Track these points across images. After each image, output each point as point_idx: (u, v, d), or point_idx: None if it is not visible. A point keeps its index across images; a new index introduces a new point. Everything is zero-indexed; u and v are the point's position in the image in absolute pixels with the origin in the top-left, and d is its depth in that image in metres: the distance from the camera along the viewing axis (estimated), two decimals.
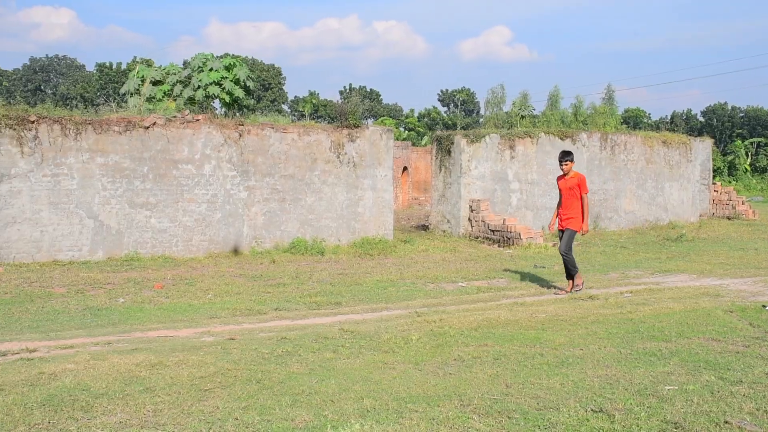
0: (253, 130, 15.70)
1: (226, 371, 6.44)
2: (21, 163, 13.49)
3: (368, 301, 10.80)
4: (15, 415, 5.20)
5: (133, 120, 14.59)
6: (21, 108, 14.32)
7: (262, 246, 15.67)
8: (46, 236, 13.72)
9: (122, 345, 7.70)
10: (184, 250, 14.95)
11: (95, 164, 14.15)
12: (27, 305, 9.90)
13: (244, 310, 9.93)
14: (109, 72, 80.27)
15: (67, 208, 13.92)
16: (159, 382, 6.06)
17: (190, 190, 15.04)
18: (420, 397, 5.75)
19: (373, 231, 17.08)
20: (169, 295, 10.90)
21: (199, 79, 24.06)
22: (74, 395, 5.67)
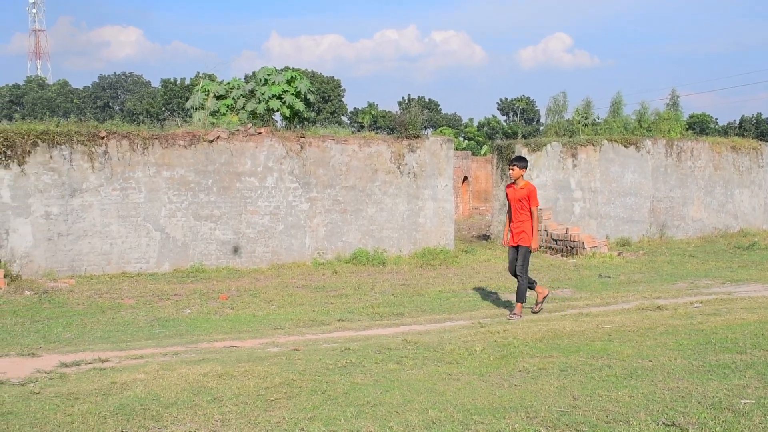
0: (314, 142, 15.86)
1: (292, 382, 6.49)
2: (92, 178, 13.88)
3: (431, 311, 10.77)
4: (90, 424, 5.33)
5: (197, 134, 14.89)
6: (91, 124, 14.77)
7: (324, 257, 15.78)
8: (116, 249, 14.08)
9: (189, 355, 7.83)
10: (247, 262, 15.16)
11: (161, 178, 14.47)
12: (98, 316, 10.17)
13: (307, 320, 10.00)
14: (173, 87, 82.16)
15: (135, 221, 14.26)
16: (226, 393, 6.14)
17: (253, 202, 15.25)
18: (485, 408, 5.69)
19: (434, 241, 17.04)
20: (233, 306, 11.06)
21: (262, 92, 24.41)
22: (145, 404, 5.79)
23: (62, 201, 13.65)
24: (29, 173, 13.40)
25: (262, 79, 25.62)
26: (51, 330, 9.26)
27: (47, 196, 13.55)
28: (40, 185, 13.49)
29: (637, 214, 20.40)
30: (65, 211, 13.67)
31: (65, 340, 8.74)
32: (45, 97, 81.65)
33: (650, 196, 20.62)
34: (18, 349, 8.06)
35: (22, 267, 13.24)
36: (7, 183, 13.24)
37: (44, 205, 13.52)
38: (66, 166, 13.68)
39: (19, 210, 13.34)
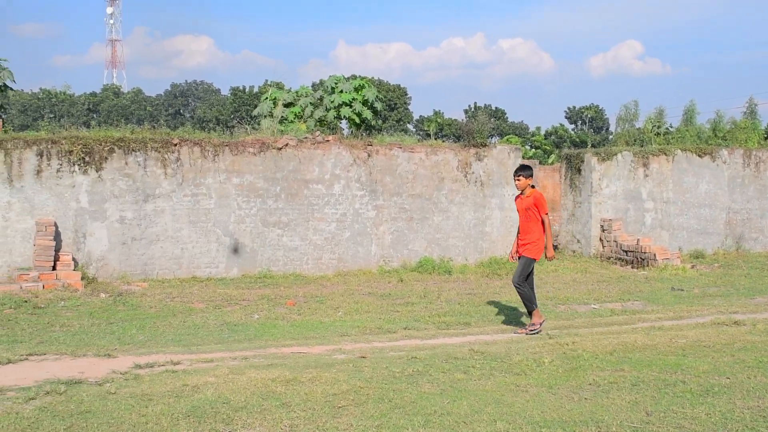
0: (381, 150, 15.92)
1: (359, 389, 6.50)
2: (164, 184, 14.22)
3: (498, 322, 10.66)
4: (163, 425, 5.44)
5: (266, 141, 15.11)
6: (164, 131, 15.14)
7: (390, 265, 15.80)
8: (186, 253, 14.38)
9: (258, 360, 7.92)
10: (314, 268, 15.29)
11: (231, 184, 14.73)
12: (170, 319, 10.39)
13: (373, 328, 10.02)
14: (242, 95, 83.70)
15: (205, 227, 14.54)
16: (294, 398, 6.19)
17: (320, 210, 15.39)
18: (555, 421, 5.60)
19: (501, 251, 16.89)
20: (301, 312, 11.16)
21: (331, 100, 24.62)
22: (216, 408, 5.88)
23: (136, 206, 14.01)
24: (105, 179, 13.81)
25: (330, 87, 25.85)
26: (125, 332, 9.50)
27: (122, 201, 13.93)
28: (116, 190, 13.88)
29: (711, 225, 19.83)
30: (139, 216, 14.03)
31: (139, 342, 8.96)
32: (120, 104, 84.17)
33: (726, 208, 20.02)
34: (95, 350, 8.29)
35: (97, 270, 13.64)
36: (85, 188, 13.67)
37: (119, 210, 13.90)
38: (140, 172, 14.05)
39: (95, 214, 13.75)
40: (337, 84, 25.70)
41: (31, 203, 13.37)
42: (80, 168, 13.64)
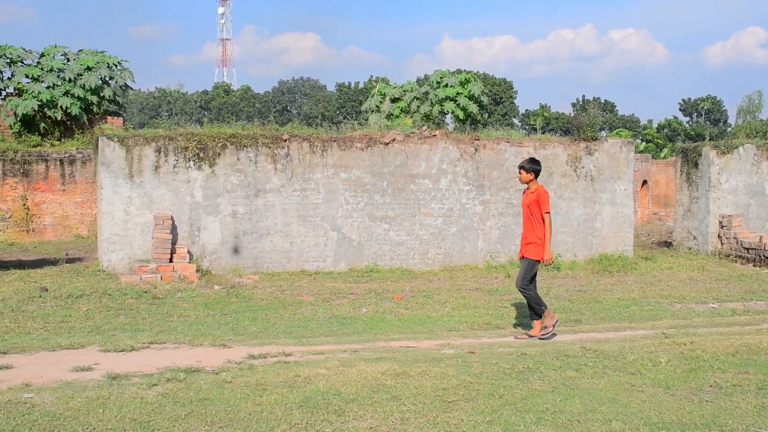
0: (488, 144, 15.76)
1: (468, 384, 6.46)
2: (274, 179, 14.54)
3: (609, 319, 10.38)
4: (277, 414, 5.56)
5: (374, 136, 15.22)
6: (273, 127, 15.48)
7: (497, 260, 15.63)
8: (295, 247, 14.66)
9: (367, 353, 7.99)
10: (420, 263, 15.30)
11: (339, 179, 14.91)
12: (281, 312, 10.62)
13: (482, 324, 9.94)
14: (347, 91, 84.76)
15: (313, 221, 14.79)
16: (404, 392, 6.21)
17: (426, 204, 15.38)
18: (674, 423, 5.40)
19: (612, 247, 16.43)
20: (408, 306, 11.19)
21: (436, 95, 24.63)
22: (327, 399, 5.96)
23: (247, 201, 14.39)
24: (218, 174, 14.24)
25: (436, 82, 25.85)
26: (239, 323, 9.78)
27: (234, 196, 14.33)
28: (228, 185, 14.29)
29: None
30: (250, 211, 14.40)
31: (252, 333, 9.20)
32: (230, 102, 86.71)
33: None
34: (211, 340, 8.57)
35: (211, 263, 14.09)
36: (200, 183, 14.14)
37: (231, 204, 14.32)
38: (251, 167, 14.42)
39: (209, 209, 14.21)
40: (442, 78, 25.68)
41: (150, 198, 13.94)
42: (195, 164, 14.12)
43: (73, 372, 6.98)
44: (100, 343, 8.30)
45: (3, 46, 25.08)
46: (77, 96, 24.67)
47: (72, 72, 24.94)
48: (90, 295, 11.25)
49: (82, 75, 25.07)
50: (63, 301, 10.82)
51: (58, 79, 24.79)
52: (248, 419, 5.47)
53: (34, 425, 5.22)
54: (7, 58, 24.89)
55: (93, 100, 25.08)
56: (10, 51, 24.93)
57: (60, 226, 22.77)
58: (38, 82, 24.63)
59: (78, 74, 25.03)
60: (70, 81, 24.81)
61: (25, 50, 25.45)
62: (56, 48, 26.09)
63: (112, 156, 13.74)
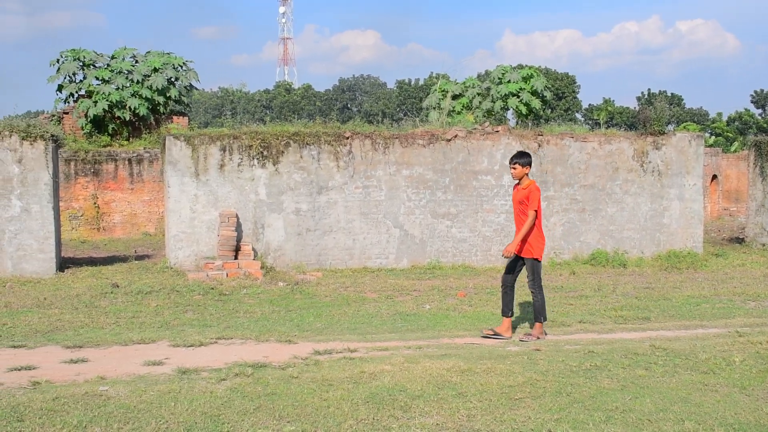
0: (551, 140, 15.56)
1: (535, 382, 6.39)
2: (337, 177, 14.64)
3: (679, 317, 10.14)
4: (344, 410, 5.60)
5: (435, 133, 15.18)
6: (335, 125, 15.57)
7: (561, 257, 15.43)
8: (357, 244, 14.73)
9: (432, 350, 7.98)
10: (482, 260, 15.21)
11: (401, 176, 14.92)
12: (344, 308, 10.69)
13: (548, 321, 9.81)
14: (407, 88, 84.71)
15: (375, 218, 14.83)
16: (470, 388, 6.17)
17: (489, 201, 15.28)
18: (752, 425, 5.25)
19: (680, 243, 16.05)
20: (471, 303, 11.13)
21: (498, 90, 24.44)
22: (393, 395, 5.97)
23: (310, 198, 14.52)
24: (282, 172, 14.40)
25: (497, 78, 25.65)
26: (303, 319, 9.88)
27: (297, 194, 14.48)
28: (291, 183, 14.44)
29: None
30: (313, 208, 14.53)
31: (316, 329, 9.28)
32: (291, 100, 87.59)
33: None
34: (276, 336, 8.67)
35: (275, 260, 14.27)
36: (264, 181, 14.33)
37: (294, 202, 14.46)
38: (314, 165, 14.54)
39: (273, 206, 14.38)
40: (504, 74, 25.47)
41: (215, 196, 14.18)
42: (259, 162, 14.31)
43: (145, 366, 7.15)
44: (170, 338, 8.49)
45: (76, 49, 25.87)
46: (144, 97, 25.28)
47: (140, 73, 25.56)
48: (159, 291, 11.52)
49: (149, 76, 25.67)
50: (133, 297, 11.10)
51: (127, 80, 25.43)
52: (315, 414, 5.51)
53: (110, 417, 5.36)
54: (80, 61, 25.65)
55: (159, 101, 25.66)
56: (82, 54, 25.69)
57: (128, 224, 23.36)
58: (108, 84, 25.32)
59: (145, 75, 25.65)
60: (138, 82, 25.43)
61: (96, 53, 26.19)
62: (125, 50, 26.77)
63: (179, 155, 14.02)
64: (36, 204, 13.30)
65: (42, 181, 13.35)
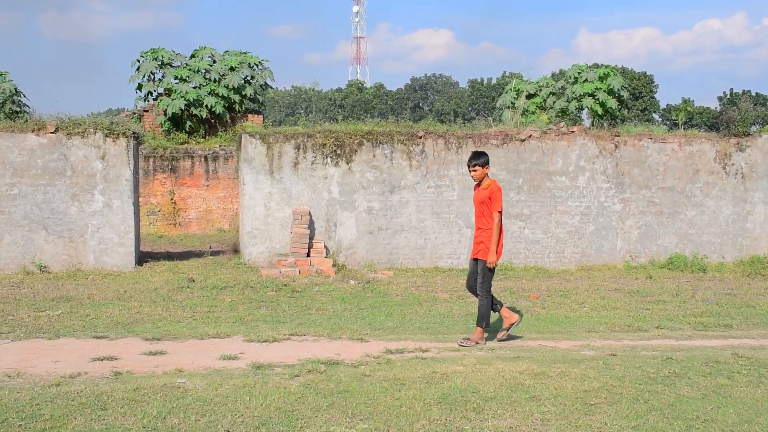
0: (629, 140, 15.22)
1: (611, 387, 6.26)
2: (409, 176, 14.63)
3: (764, 325, 9.79)
4: (416, 409, 5.59)
5: (509, 133, 15.02)
6: (407, 124, 15.56)
7: (636, 260, 15.07)
8: (429, 244, 14.69)
9: (504, 352, 7.90)
10: (555, 262, 14.98)
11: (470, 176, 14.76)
12: (416, 308, 10.67)
13: (622, 325, 9.61)
14: (480, 87, 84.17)
15: (447, 218, 14.77)
16: (544, 392, 6.09)
17: (563, 202, 15.04)
18: None
19: (765, 249, 15.48)
20: (545, 306, 10.98)
21: (573, 90, 24.05)
22: (465, 396, 5.93)
23: (382, 197, 14.55)
24: (355, 170, 14.47)
25: (572, 77, 25.24)
26: (375, 318, 9.90)
27: (369, 192, 14.52)
28: (364, 182, 14.50)
29: None
30: (385, 207, 14.55)
31: (388, 328, 9.29)
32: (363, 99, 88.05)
33: None
34: (348, 333, 8.72)
35: (347, 258, 14.35)
36: (337, 180, 14.43)
37: (367, 200, 14.51)
38: (387, 164, 14.56)
39: (345, 204, 14.47)
40: (580, 74, 25.05)
41: (289, 193, 14.34)
42: (332, 160, 14.41)
43: (221, 360, 7.28)
44: (244, 333, 8.63)
45: (155, 49, 26.59)
46: (221, 95, 25.79)
47: (217, 72, 26.10)
48: (233, 286, 11.72)
49: (225, 75, 26.18)
50: (209, 292, 11.32)
51: (204, 79, 25.99)
52: (388, 413, 5.52)
53: (187, 409, 5.48)
54: (159, 60, 26.34)
55: (235, 99, 26.14)
56: (161, 54, 26.39)
57: (204, 220, 23.86)
58: (186, 83, 25.92)
59: (222, 74, 26.17)
60: (215, 81, 25.97)
61: (175, 53, 26.86)
62: (204, 50, 27.38)
63: (254, 153, 14.24)
64: (117, 199, 13.70)
65: (123, 177, 13.75)
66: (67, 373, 6.55)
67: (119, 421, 5.19)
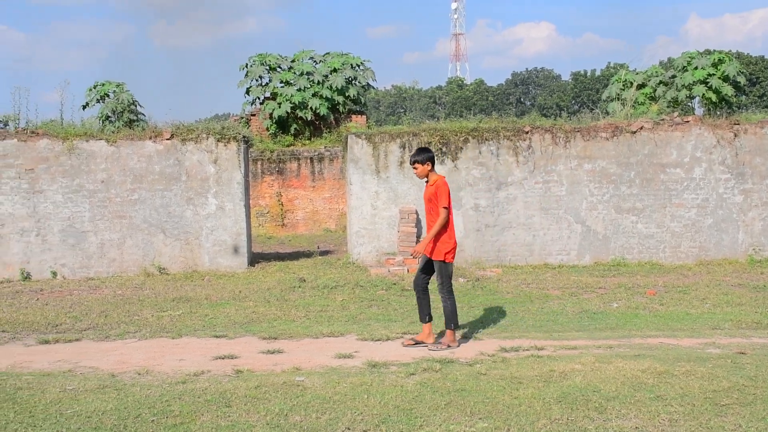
0: (749, 128, 14.50)
1: (743, 387, 5.96)
2: (516, 172, 14.42)
3: None
4: (536, 408, 5.48)
5: (619, 125, 14.59)
6: (512, 120, 15.35)
7: (761, 254, 14.34)
8: (537, 240, 14.44)
9: (623, 350, 7.66)
10: (671, 257, 14.44)
11: (582, 171, 14.46)
12: (527, 305, 10.50)
13: (750, 322, 9.16)
14: (583, 80, 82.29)
15: (556, 214, 14.47)
16: (669, 392, 5.86)
17: (678, 195, 14.48)
18: None
19: None
20: (663, 302, 10.58)
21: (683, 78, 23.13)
22: (586, 395, 5.77)
23: (489, 194, 14.40)
24: (460, 168, 14.39)
25: (682, 65, 24.28)
26: (487, 315, 9.80)
27: (476, 190, 14.40)
28: (470, 179, 14.39)
29: None
30: (491, 204, 14.40)
31: (501, 326, 9.18)
32: (463, 96, 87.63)
33: None
34: (461, 332, 8.65)
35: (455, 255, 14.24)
36: None
37: (473, 198, 14.40)
38: (493, 160, 14.40)
39: (454, 203, 14.36)
40: (691, 61, 24.07)
41: (395, 192, 14.40)
42: (438, 158, 14.37)
43: (336, 359, 7.37)
44: (357, 332, 8.70)
45: (263, 54, 27.26)
46: (325, 97, 26.16)
47: (320, 74, 26.50)
48: (343, 286, 11.84)
49: (328, 77, 26.55)
50: (320, 291, 11.49)
51: (308, 81, 26.43)
52: (507, 412, 5.43)
53: (308, 406, 5.56)
54: (266, 65, 26.98)
55: (339, 100, 26.46)
56: (268, 58, 27.02)
57: (310, 221, 24.28)
58: (290, 86, 26.42)
59: (325, 76, 26.55)
60: (319, 83, 26.37)
61: (280, 57, 27.45)
62: (304, 53, 27.85)
63: (360, 153, 14.37)
64: (229, 202, 14.10)
65: (235, 180, 14.14)
66: (192, 371, 6.78)
67: (244, 418, 5.31)
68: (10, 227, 13.68)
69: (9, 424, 5.29)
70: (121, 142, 13.95)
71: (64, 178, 13.78)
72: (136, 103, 26.69)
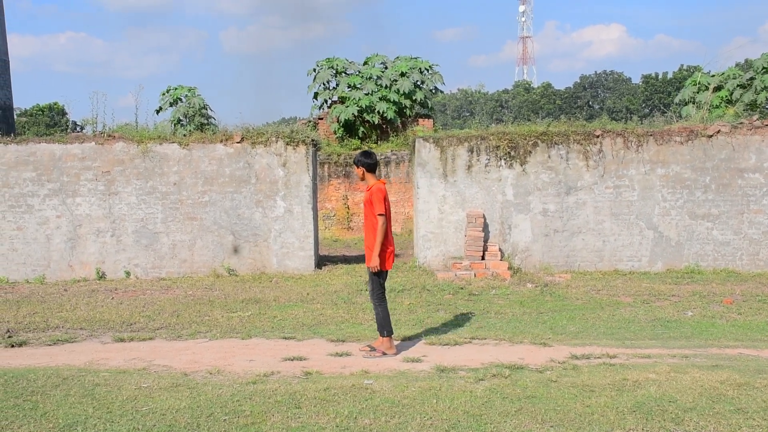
0: None
1: None
2: (586, 176, 14.17)
3: None
4: (610, 417, 5.36)
5: (695, 129, 14.20)
6: (581, 123, 15.08)
7: None
8: (608, 246, 14.16)
9: (699, 360, 7.43)
10: (749, 265, 13.97)
11: (655, 175, 14.12)
12: (598, 312, 10.29)
13: None
14: (654, 83, 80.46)
15: (627, 219, 14.16)
16: (750, 404, 5.66)
17: (757, 201, 14.01)
18: None
19: None
20: (741, 311, 10.24)
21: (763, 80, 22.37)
22: (661, 405, 5.62)
23: (558, 199, 14.19)
24: (529, 172, 14.21)
25: (762, 67, 23.50)
26: (556, 322, 9.64)
27: (545, 194, 14.21)
28: (539, 183, 14.20)
29: None
30: (560, 209, 14.18)
31: (570, 332, 9.02)
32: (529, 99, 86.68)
33: None
34: (530, 338, 8.54)
35: (522, 260, 14.11)
36: (511, 182, 14.23)
37: (542, 202, 14.21)
38: (562, 165, 14.19)
39: (520, 207, 14.23)
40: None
41: (463, 196, 14.31)
42: (506, 162, 14.23)
43: (405, 362, 7.35)
44: (425, 336, 8.67)
45: (330, 58, 27.51)
46: (392, 100, 26.21)
47: (388, 78, 26.56)
48: (410, 289, 11.82)
49: (396, 81, 26.60)
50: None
51: (376, 85, 26.53)
52: (579, 420, 5.33)
53: (376, 410, 5.55)
54: (334, 69, 27.21)
55: (406, 104, 26.47)
56: (336, 63, 27.24)
57: None
58: (358, 90, 26.57)
59: (393, 80, 26.60)
60: (386, 87, 26.43)
61: (348, 61, 27.64)
62: (376, 57, 27.99)
63: (428, 156, 14.33)
64: (297, 205, 14.23)
65: (303, 183, 14.27)
66: (262, 372, 6.85)
67: (313, 420, 5.34)
68: (87, 228, 14.11)
69: (88, 419, 5.43)
70: (193, 145, 14.23)
71: (138, 180, 14.14)
72: (207, 106, 27.24)
